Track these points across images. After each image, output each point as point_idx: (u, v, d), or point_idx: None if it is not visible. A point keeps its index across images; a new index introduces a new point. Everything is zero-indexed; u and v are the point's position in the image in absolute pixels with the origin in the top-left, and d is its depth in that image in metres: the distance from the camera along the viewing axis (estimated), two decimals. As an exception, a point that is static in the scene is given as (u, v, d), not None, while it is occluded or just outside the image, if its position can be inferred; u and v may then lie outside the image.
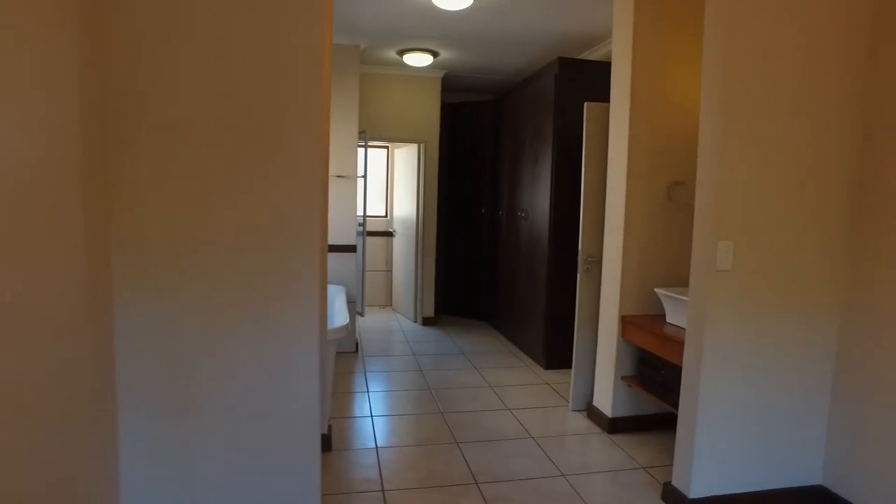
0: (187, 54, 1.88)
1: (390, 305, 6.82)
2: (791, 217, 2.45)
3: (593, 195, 3.57)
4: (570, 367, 4.48)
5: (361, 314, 5.07)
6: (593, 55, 4.66)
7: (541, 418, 3.51)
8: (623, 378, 3.29)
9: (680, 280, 3.34)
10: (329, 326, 3.31)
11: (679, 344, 2.73)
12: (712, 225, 2.37)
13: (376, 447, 3.04)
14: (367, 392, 3.90)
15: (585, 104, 3.50)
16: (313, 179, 2.04)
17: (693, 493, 2.46)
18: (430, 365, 4.55)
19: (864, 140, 2.43)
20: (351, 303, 4.67)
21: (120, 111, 1.84)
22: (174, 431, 1.98)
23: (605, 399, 3.37)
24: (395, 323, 6.03)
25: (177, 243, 1.92)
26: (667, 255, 3.30)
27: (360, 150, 4.91)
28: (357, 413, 3.53)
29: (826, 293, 2.52)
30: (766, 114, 2.37)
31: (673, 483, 2.57)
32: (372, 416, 3.49)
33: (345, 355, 4.70)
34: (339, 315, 3.60)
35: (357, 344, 4.92)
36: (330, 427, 3.08)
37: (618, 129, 3.25)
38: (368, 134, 5.30)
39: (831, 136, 2.45)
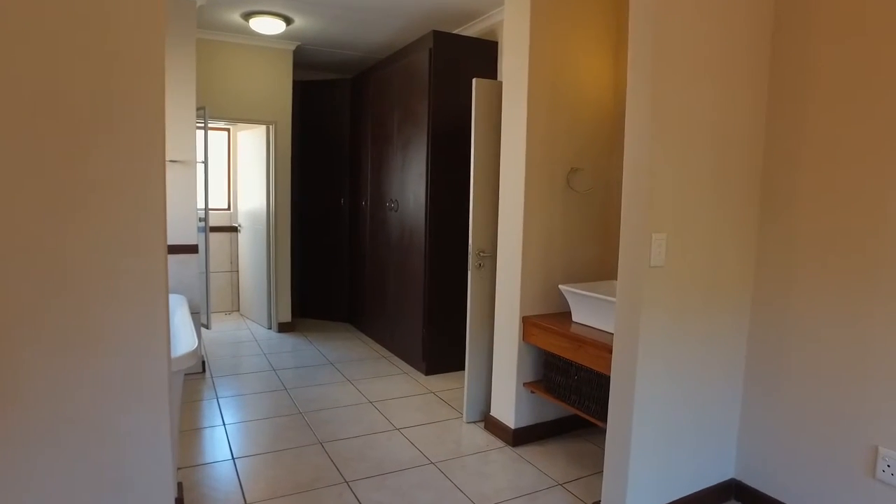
0: None
1: (238, 310, 5.88)
2: (714, 208, 2.25)
3: (484, 182, 3.17)
4: (453, 371, 4.11)
5: (207, 326, 4.18)
6: (468, 32, 4.26)
7: (435, 436, 3.05)
8: (525, 384, 2.96)
9: (582, 274, 3.08)
10: (173, 353, 2.51)
11: (596, 347, 2.44)
12: (644, 216, 2.07)
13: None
14: (224, 425, 3.12)
15: (474, 80, 3.08)
16: (154, 163, 1.33)
17: (630, 513, 2.18)
18: (295, 381, 3.85)
19: (767, 139, 2.32)
20: (194, 314, 3.78)
21: None
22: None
23: (506, 409, 3.01)
24: (245, 331, 5.16)
25: None
26: (567, 248, 3.01)
27: (199, 132, 3.99)
28: (214, 456, 2.76)
29: (741, 288, 2.38)
30: (693, 97, 2.13)
31: (603, 502, 2.27)
32: (234, 458, 2.74)
33: (190, 378, 3.81)
34: (183, 336, 2.78)
35: (204, 363, 4.03)
36: (181, 486, 2.31)
37: (514, 111, 2.87)
38: (208, 112, 4.37)
39: (745, 129, 2.30)
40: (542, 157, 2.87)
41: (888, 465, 2.00)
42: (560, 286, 2.80)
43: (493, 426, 3.09)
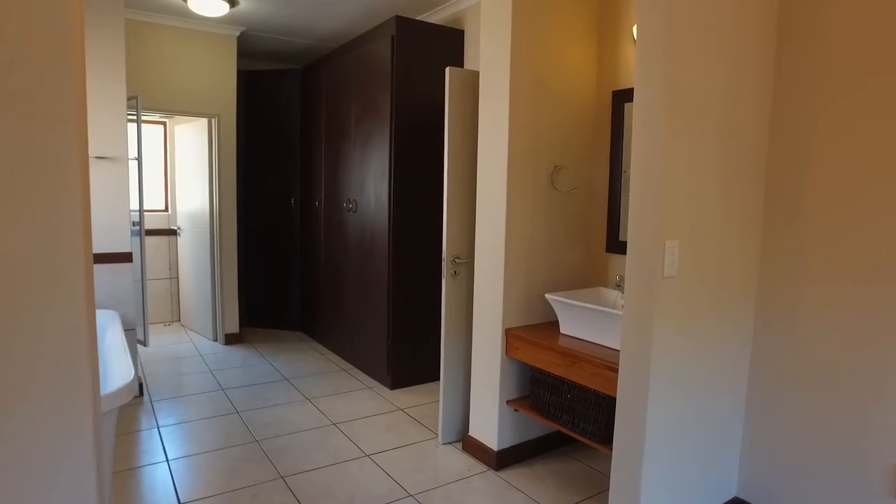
0: None
1: (178, 321, 5.34)
2: (723, 212, 2.04)
3: (459, 181, 2.87)
4: (420, 383, 3.79)
5: (145, 343, 3.68)
6: (430, 19, 3.94)
7: (410, 462, 2.73)
8: (509, 402, 2.68)
9: (566, 280, 2.83)
10: (103, 388, 2.09)
11: (593, 364, 2.19)
12: (657, 221, 1.83)
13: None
14: (167, 462, 2.68)
15: (448, 69, 2.77)
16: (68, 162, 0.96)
17: (642, 552, 1.95)
18: (247, 401, 3.43)
19: (770, 143, 2.13)
20: (129, 330, 3.30)
21: None
22: None
23: (488, 429, 2.73)
24: (188, 345, 4.64)
25: None
26: (550, 253, 2.76)
27: (132, 126, 3.49)
28: (157, 500, 2.34)
29: (745, 296, 2.19)
30: (705, 89, 1.90)
31: (609, 538, 2.03)
32: (180, 503, 2.34)
33: (125, 405, 3.32)
34: (116, 363, 2.34)
35: (142, 385, 3.54)
36: (114, 551, 1.90)
37: (494, 102, 2.58)
38: (142, 103, 3.86)
39: (751, 125, 2.10)
40: (526, 154, 2.59)
41: (910, 485, 1.85)
42: (547, 295, 2.54)
43: (472, 448, 2.81)
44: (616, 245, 2.76)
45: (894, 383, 1.86)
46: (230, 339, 4.65)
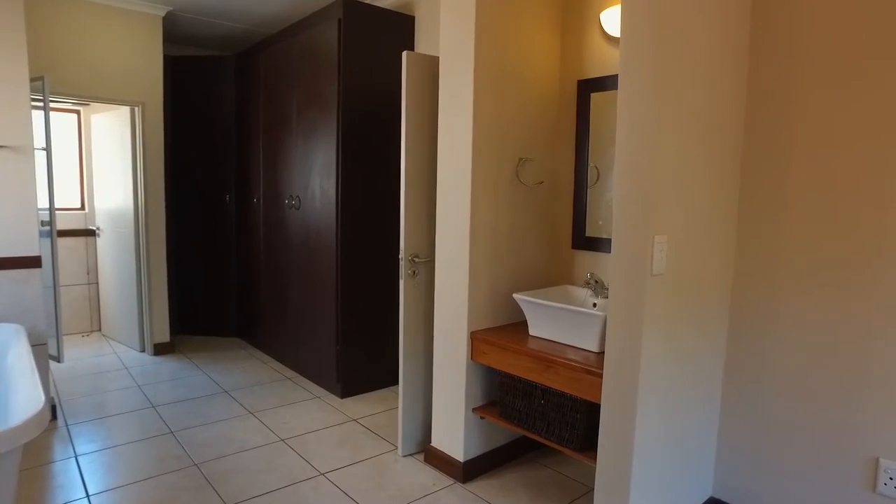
0: None
1: (99, 330, 4.79)
2: (706, 204, 1.93)
3: (417, 175, 2.64)
4: (372, 390, 3.54)
5: (58, 359, 3.21)
6: (379, 2, 3.67)
7: (370, 478, 2.48)
8: (475, 410, 2.49)
9: (531, 278, 2.66)
10: (4, 423, 1.73)
11: (571, 368, 2.03)
12: (645, 215, 1.68)
13: None
14: (87, 497, 2.29)
15: (405, 54, 2.53)
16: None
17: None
18: (182, 419, 3.06)
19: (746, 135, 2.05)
20: (39, 346, 2.84)
21: None
22: None
23: (453, 439, 2.52)
24: (111, 357, 4.15)
25: None
26: (515, 250, 2.58)
27: (37, 112, 3.02)
28: (72, 549, 1.98)
29: (721, 289, 2.10)
30: (689, 80, 1.78)
31: (593, 555, 1.88)
32: (104, 548, 1.98)
33: (32, 429, 2.87)
34: (20, 386, 1.95)
35: (55, 408, 3.08)
36: None
37: (456, 90, 2.37)
38: (51, 86, 3.37)
39: (727, 111, 2.01)
40: (491, 146, 2.40)
41: (891, 478, 1.81)
42: (515, 296, 2.36)
43: (435, 459, 2.59)
44: (582, 241, 2.62)
45: (871, 377, 1.81)
46: (160, 349, 4.20)
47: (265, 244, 4.20)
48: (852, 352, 1.85)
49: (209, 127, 4.55)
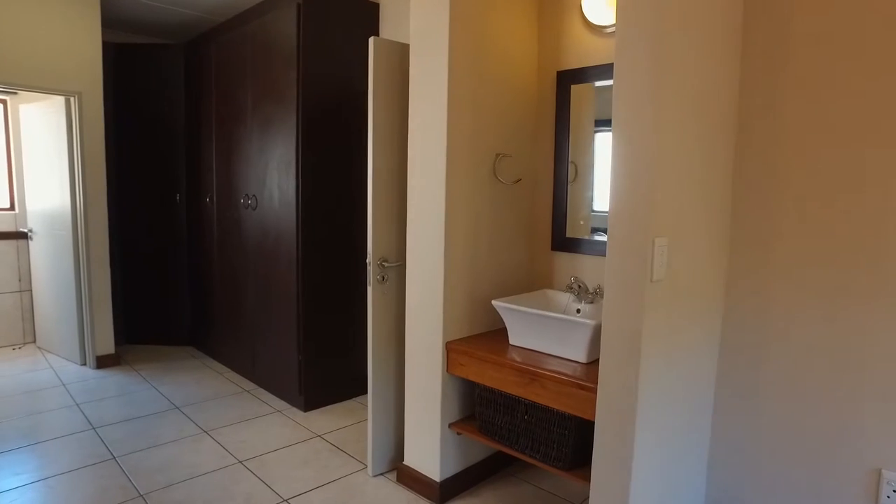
0: None
1: (33, 342, 4.36)
2: (702, 204, 1.79)
3: (386, 172, 2.42)
4: (337, 401, 3.30)
5: (-20, 379, 2.84)
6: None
7: (338, 502, 2.26)
8: (452, 426, 2.29)
9: (510, 283, 2.48)
10: None
11: (558, 382, 1.85)
12: (646, 216, 1.52)
13: None
14: (10, 542, 2.00)
15: (372, 40, 2.30)
16: None
17: None
18: (127, 442, 2.74)
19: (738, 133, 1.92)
20: (-46, 367, 2.49)
21: None
22: None
23: (428, 457, 2.32)
24: (46, 372, 3.75)
25: None
26: (494, 253, 2.39)
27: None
28: None
29: (714, 293, 1.97)
30: (685, 69, 1.62)
31: (586, 587, 1.71)
32: None
33: (-51, 461, 2.51)
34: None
35: (-25, 434, 2.73)
36: None
37: (430, 79, 2.16)
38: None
39: (721, 104, 1.87)
40: (467, 141, 2.20)
41: (894, 491, 1.71)
42: (494, 302, 2.17)
43: (409, 479, 2.39)
44: (563, 242, 2.45)
45: (871, 385, 1.71)
46: (103, 362, 3.83)
47: (219, 247, 3.88)
48: (851, 358, 1.74)
49: (157, 120, 4.18)
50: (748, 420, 1.98)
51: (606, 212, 2.34)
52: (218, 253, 3.90)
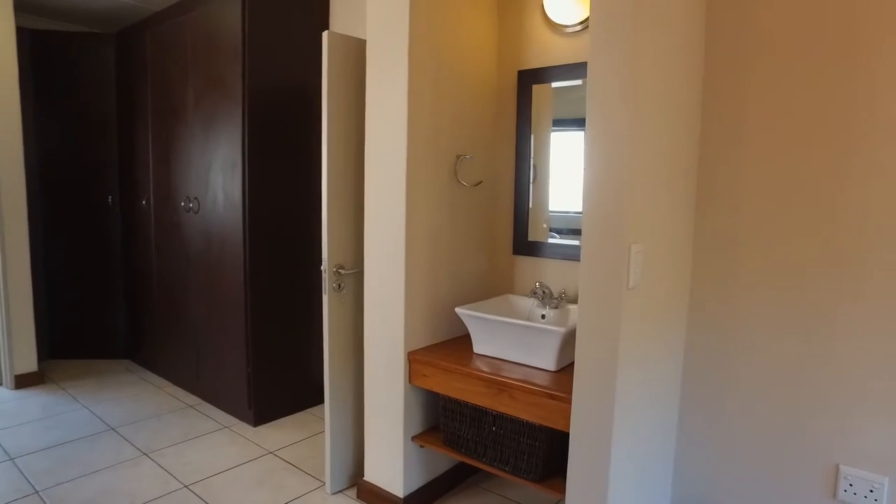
0: None
1: (-57, 359, 3.91)
2: (670, 210, 1.76)
3: (342, 174, 2.27)
4: (288, 414, 3.12)
5: None
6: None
7: (295, 528, 2.10)
8: (415, 438, 2.18)
9: (470, 289, 2.40)
10: None
11: (529, 392, 1.78)
12: (622, 221, 1.46)
13: None
14: None
15: (326, 34, 2.15)
16: None
17: None
18: (53, 472, 2.46)
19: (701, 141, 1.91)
20: None
21: None
22: None
23: (391, 472, 2.19)
24: (-42, 393, 3.36)
25: None
26: (454, 257, 2.29)
27: None
28: None
29: (680, 296, 1.95)
30: (661, 69, 1.58)
31: None
32: None
33: None
34: None
35: None
36: None
37: (388, 77, 2.03)
38: None
39: (685, 102, 1.85)
40: (428, 142, 2.09)
41: (850, 485, 1.74)
42: (458, 310, 2.07)
43: (371, 496, 2.25)
44: (524, 246, 2.38)
45: (830, 383, 1.73)
46: (24, 381, 3.47)
47: (159, 253, 3.59)
48: (811, 358, 1.76)
49: (85, 116, 3.83)
50: (713, 421, 1.97)
51: (563, 212, 2.33)
52: (157, 259, 3.61)
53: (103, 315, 3.99)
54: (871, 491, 1.70)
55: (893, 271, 1.60)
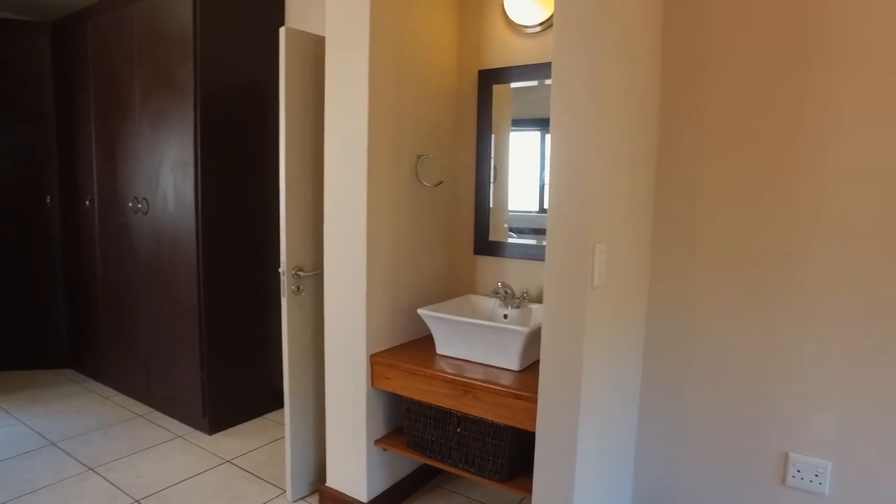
0: None
1: None
2: (630, 209, 1.78)
3: (300, 175, 2.21)
4: (245, 420, 3.02)
5: None
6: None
7: (255, 539, 2.02)
8: (377, 442, 2.14)
9: (431, 290, 2.38)
10: None
11: (493, 393, 1.77)
12: (586, 221, 1.47)
13: None
14: None
15: (283, 30, 2.08)
16: None
17: None
18: (-11, 489, 2.30)
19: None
20: None
21: None
22: None
23: (353, 477, 2.14)
24: None
25: None
26: (415, 258, 2.26)
27: None
28: None
29: (640, 292, 1.98)
30: (624, 69, 1.60)
31: None
32: None
33: None
34: None
35: None
36: None
37: (348, 76, 1.98)
38: None
39: (645, 111, 1.88)
40: (389, 141, 2.05)
41: (798, 471, 1.81)
42: (420, 311, 2.05)
43: (333, 501, 2.20)
44: (485, 246, 2.38)
45: (781, 374, 1.80)
46: (-44, 393, 3.23)
47: (103, 256, 3.41)
48: (760, 352, 1.83)
49: (18, 111, 3.59)
50: (671, 415, 2.02)
51: (523, 212, 2.34)
52: (102, 263, 3.42)
53: (40, 322, 3.76)
54: (816, 475, 1.78)
55: (837, 266, 1.68)
